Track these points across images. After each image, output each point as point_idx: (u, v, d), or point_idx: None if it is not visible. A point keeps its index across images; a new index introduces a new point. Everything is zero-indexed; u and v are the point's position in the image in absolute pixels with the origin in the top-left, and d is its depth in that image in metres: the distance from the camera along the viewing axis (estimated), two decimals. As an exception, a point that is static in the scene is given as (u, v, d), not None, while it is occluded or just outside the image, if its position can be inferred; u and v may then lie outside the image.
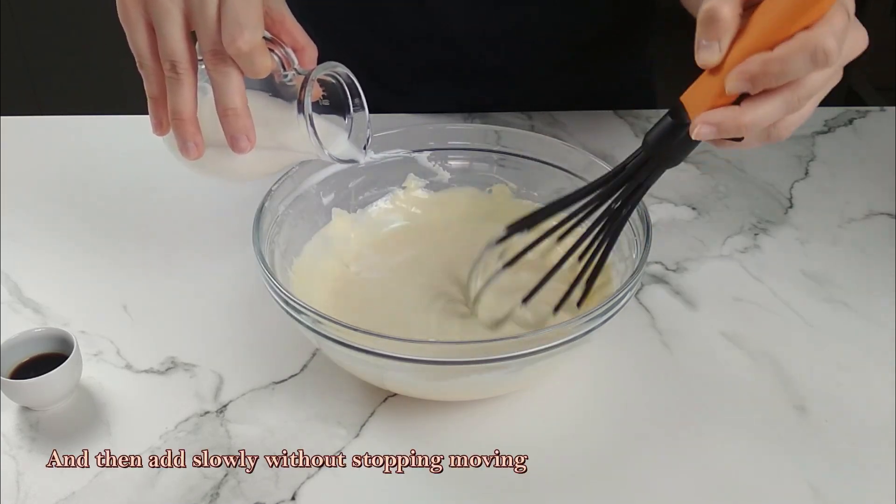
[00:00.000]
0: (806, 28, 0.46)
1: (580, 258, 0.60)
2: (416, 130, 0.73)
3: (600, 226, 0.59)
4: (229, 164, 0.61)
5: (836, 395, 0.63)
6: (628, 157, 0.56)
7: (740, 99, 0.49)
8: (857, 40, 0.49)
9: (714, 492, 0.57)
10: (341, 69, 0.60)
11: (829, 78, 0.49)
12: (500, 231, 0.60)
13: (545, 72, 0.92)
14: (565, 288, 0.61)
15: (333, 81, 0.61)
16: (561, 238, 0.60)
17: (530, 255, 0.62)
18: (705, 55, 0.49)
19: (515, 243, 0.61)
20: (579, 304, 0.62)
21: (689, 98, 0.52)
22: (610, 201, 0.58)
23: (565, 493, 0.57)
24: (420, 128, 0.73)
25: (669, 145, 0.53)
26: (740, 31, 0.48)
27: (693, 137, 0.51)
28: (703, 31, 0.48)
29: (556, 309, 0.62)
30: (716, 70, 0.49)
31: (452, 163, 0.74)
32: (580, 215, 0.59)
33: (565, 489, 0.57)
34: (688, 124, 0.51)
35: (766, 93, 0.48)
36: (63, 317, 0.70)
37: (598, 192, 0.58)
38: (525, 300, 0.61)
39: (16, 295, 0.72)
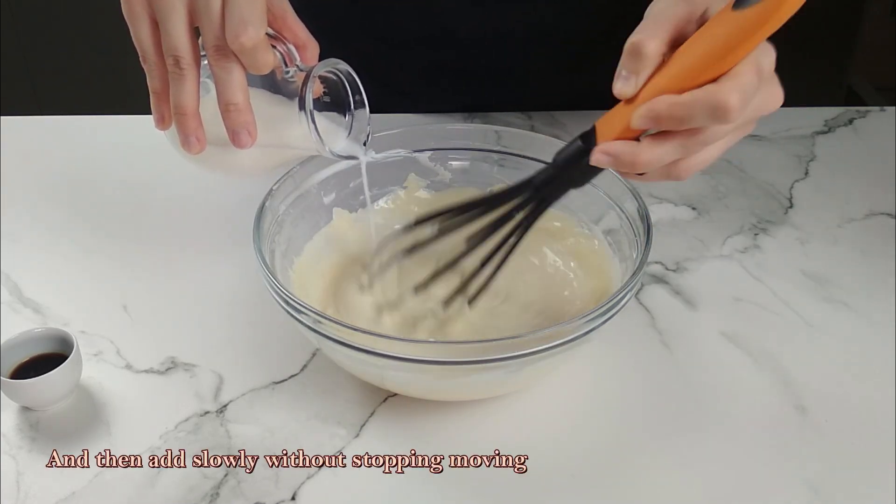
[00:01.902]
0: (714, 80, 0.47)
1: (486, 260, 0.60)
2: (416, 130, 0.73)
3: (505, 232, 0.59)
4: (230, 158, 0.61)
5: (836, 395, 0.63)
6: (537, 172, 0.57)
7: (644, 135, 0.50)
8: (770, 97, 0.50)
9: (714, 491, 0.57)
10: (342, 66, 0.60)
11: (735, 129, 0.50)
12: (413, 219, 0.61)
13: (545, 72, 0.92)
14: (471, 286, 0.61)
15: (334, 78, 0.61)
16: (473, 246, 0.60)
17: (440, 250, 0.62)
18: (621, 86, 0.50)
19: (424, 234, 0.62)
20: (470, 301, 0.62)
21: (602, 124, 0.53)
22: (516, 211, 0.58)
23: (565, 493, 0.57)
24: (421, 128, 0.73)
25: (575, 167, 0.54)
26: (660, 68, 0.49)
27: (591, 163, 0.52)
28: (625, 62, 0.50)
29: (446, 303, 0.62)
30: (630, 102, 0.50)
31: (453, 163, 0.74)
32: (486, 219, 0.59)
33: (565, 489, 0.57)
34: (592, 149, 0.52)
35: (665, 134, 0.49)
36: (63, 317, 0.70)
37: (504, 200, 0.58)
38: (416, 289, 0.63)
39: (16, 295, 0.72)
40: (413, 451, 0.59)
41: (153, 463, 0.59)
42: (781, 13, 0.44)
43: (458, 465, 0.59)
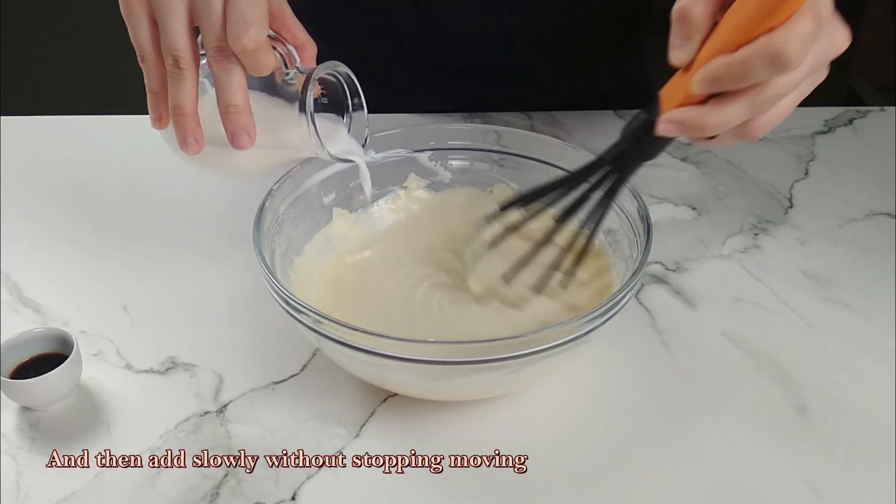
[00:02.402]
0: (769, 31, 0.45)
1: (567, 246, 0.61)
2: (416, 130, 0.73)
3: (586, 214, 0.59)
4: (228, 159, 0.61)
5: (836, 395, 0.63)
6: (607, 149, 0.57)
7: (711, 98, 0.49)
8: (836, 39, 0.49)
9: (714, 492, 0.57)
10: (342, 68, 0.60)
11: (803, 78, 0.49)
12: (494, 208, 0.61)
13: (545, 72, 0.92)
14: (555, 272, 0.62)
15: (333, 80, 0.61)
16: (556, 229, 0.61)
17: (530, 237, 0.62)
18: (676, 54, 0.49)
19: (506, 223, 0.62)
20: (565, 286, 0.62)
21: (665, 93, 0.52)
22: (592, 191, 0.58)
23: (565, 493, 0.57)
24: (420, 128, 0.73)
25: (643, 139, 0.54)
26: (712, 31, 0.48)
27: (658, 133, 0.51)
28: (675, 30, 0.49)
29: (537, 291, 0.62)
30: (687, 68, 0.49)
31: (453, 163, 0.74)
32: (564, 202, 0.60)
33: (565, 489, 0.57)
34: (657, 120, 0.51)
35: (731, 94, 0.48)
36: (63, 317, 0.70)
37: (579, 181, 0.58)
38: (505, 277, 0.63)
39: (16, 295, 0.72)
40: (413, 451, 0.59)
41: (153, 463, 0.59)
42: None
43: (458, 465, 0.59)
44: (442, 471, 0.58)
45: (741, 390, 0.64)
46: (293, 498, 0.57)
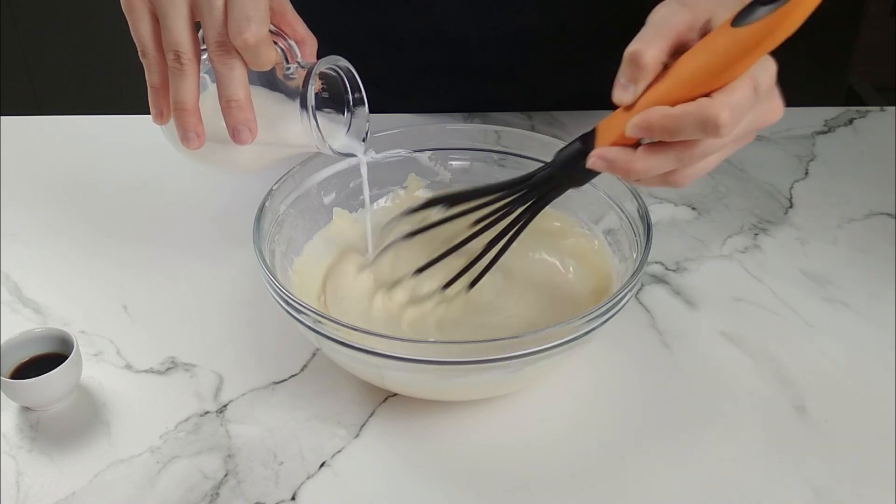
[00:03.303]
0: (708, 94, 0.47)
1: (485, 250, 0.62)
2: (416, 130, 0.73)
3: (504, 225, 0.60)
4: (228, 154, 0.61)
5: (836, 395, 0.63)
6: (538, 168, 0.58)
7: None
8: (767, 112, 0.51)
9: (714, 491, 0.57)
10: (342, 63, 0.60)
11: (732, 141, 0.50)
12: (415, 204, 0.62)
13: (545, 72, 0.92)
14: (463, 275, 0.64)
15: (334, 74, 0.61)
16: (476, 234, 0.62)
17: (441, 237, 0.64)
18: (620, 94, 0.51)
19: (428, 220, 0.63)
20: (470, 286, 0.64)
21: (602, 128, 0.53)
22: (516, 205, 0.59)
23: (565, 493, 0.57)
24: (420, 128, 0.73)
25: (573, 167, 0.55)
26: (659, 77, 0.50)
27: (587, 167, 0.53)
28: (623, 70, 0.51)
29: (445, 286, 0.64)
30: (629, 109, 0.51)
31: (453, 163, 0.74)
32: (487, 210, 0.60)
33: (565, 489, 0.57)
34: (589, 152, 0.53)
35: (661, 144, 0.50)
36: (63, 317, 0.70)
37: (506, 194, 0.59)
38: (416, 272, 0.64)
39: (16, 295, 0.72)
40: (413, 452, 0.59)
41: (153, 463, 0.59)
42: (779, 33, 0.45)
43: (459, 465, 0.59)
44: (442, 471, 0.58)
45: (741, 390, 0.64)
46: (293, 498, 0.57)
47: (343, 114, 0.63)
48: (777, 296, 0.72)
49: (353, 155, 0.64)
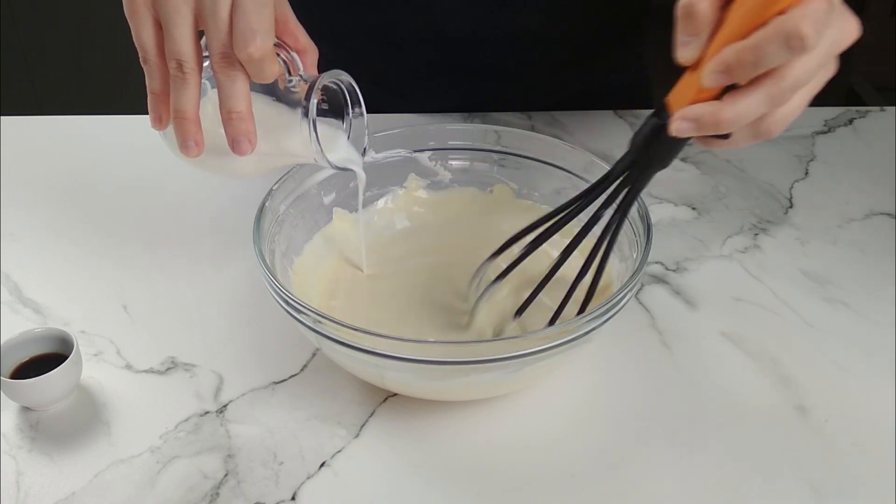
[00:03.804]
0: (781, 13, 0.44)
1: (581, 270, 0.60)
2: (416, 130, 0.73)
3: (598, 235, 0.58)
4: (226, 163, 0.61)
5: (836, 395, 0.63)
6: (617, 161, 0.56)
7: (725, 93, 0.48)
8: (846, 28, 0.48)
9: (714, 491, 0.57)
10: (345, 77, 0.60)
11: (817, 69, 0.47)
12: (501, 242, 0.60)
13: (545, 72, 0.92)
14: (567, 300, 0.61)
15: (335, 87, 0.61)
16: (567, 252, 0.60)
17: (534, 268, 0.61)
18: (684, 51, 0.48)
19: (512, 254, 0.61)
20: (579, 314, 0.61)
21: (673, 96, 0.51)
22: (603, 210, 0.57)
23: (565, 493, 0.57)
24: (420, 128, 0.73)
25: (655, 146, 0.53)
26: (719, 25, 0.47)
27: (672, 134, 0.49)
28: (682, 27, 0.47)
29: (552, 322, 0.61)
30: (696, 66, 0.48)
31: (453, 163, 0.74)
32: (572, 223, 0.59)
33: (565, 489, 0.57)
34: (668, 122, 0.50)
35: (747, 86, 0.47)
36: (63, 317, 0.70)
37: (589, 199, 0.57)
38: (517, 313, 0.62)
39: (16, 295, 0.72)
40: (413, 452, 0.59)
41: (153, 463, 0.59)
42: None
43: (459, 465, 0.59)
44: (442, 471, 0.58)
45: (741, 390, 0.64)
46: (293, 498, 0.57)
47: (342, 126, 0.63)
48: (777, 296, 0.72)
49: (350, 170, 0.64)
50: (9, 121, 0.94)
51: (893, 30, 1.93)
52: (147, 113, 0.59)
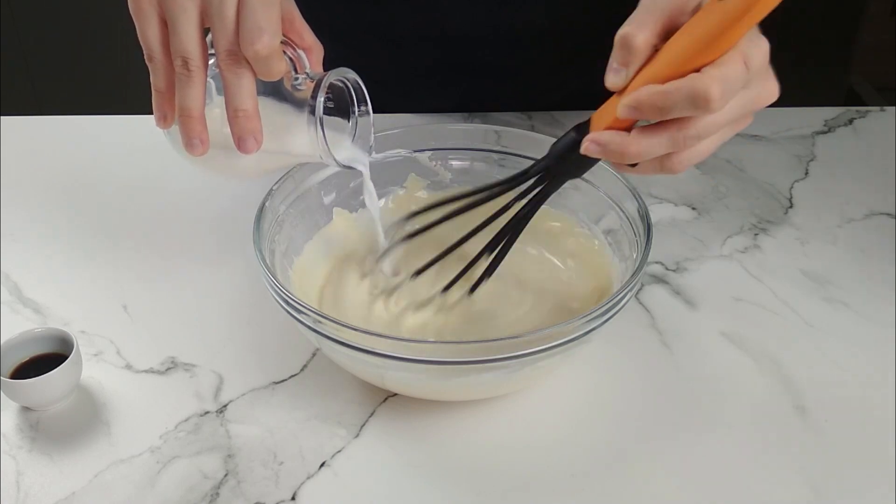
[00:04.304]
0: (698, 70, 0.47)
1: (485, 249, 0.62)
2: (416, 130, 0.73)
3: (503, 222, 0.60)
4: (231, 161, 0.61)
5: (836, 395, 0.63)
6: (534, 163, 0.58)
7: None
8: (764, 90, 0.50)
9: (714, 492, 0.57)
10: (350, 74, 0.60)
11: (724, 124, 0.49)
12: (415, 208, 0.63)
13: (545, 70, 0.92)
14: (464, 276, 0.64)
15: (340, 85, 0.61)
16: (474, 231, 0.62)
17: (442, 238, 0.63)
18: (612, 78, 0.51)
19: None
20: (472, 290, 0.63)
21: (597, 116, 0.53)
22: (515, 201, 0.59)
23: (565, 493, 0.57)
24: (420, 128, 0.73)
25: (569, 157, 0.55)
26: (650, 60, 0.49)
27: (581, 152, 0.52)
28: (615, 55, 0.50)
29: (445, 289, 0.64)
30: (621, 93, 0.50)
31: (453, 163, 0.74)
32: (486, 208, 0.60)
33: (565, 489, 0.57)
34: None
35: (655, 126, 0.49)
36: (63, 317, 0.70)
37: (503, 190, 0.59)
38: (414, 274, 0.64)
39: (16, 295, 0.72)
40: (413, 452, 0.59)
41: (153, 463, 0.59)
42: (763, 4, 0.44)
43: (459, 465, 0.59)
44: (442, 471, 0.58)
45: (741, 390, 0.64)
46: (293, 498, 0.57)
47: (347, 124, 0.63)
48: (777, 296, 0.72)
49: (355, 168, 0.63)
50: (9, 121, 0.94)
51: (893, 30, 1.93)
52: (150, 112, 0.59)
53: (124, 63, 1.77)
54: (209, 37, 0.56)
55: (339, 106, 0.62)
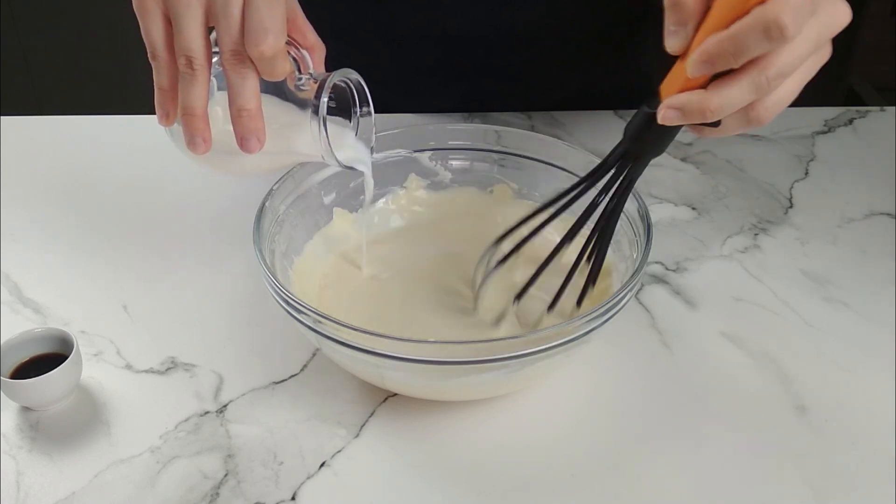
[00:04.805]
0: (762, 2, 0.45)
1: (578, 257, 0.61)
2: (416, 130, 0.73)
3: (595, 223, 0.59)
4: (233, 159, 0.61)
5: (836, 395, 0.63)
6: (612, 150, 0.56)
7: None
8: (835, 13, 0.47)
9: (714, 492, 0.57)
10: (353, 75, 0.60)
11: (804, 56, 0.47)
12: (503, 230, 0.61)
13: (545, 71, 0.92)
14: (569, 286, 0.61)
15: (342, 85, 0.61)
16: (566, 238, 0.60)
17: (540, 256, 0.62)
18: (672, 41, 0.48)
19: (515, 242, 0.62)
20: (579, 302, 0.62)
21: (664, 85, 0.51)
22: (601, 197, 0.58)
23: (565, 493, 0.57)
24: (420, 128, 0.73)
25: (647, 134, 0.53)
26: (706, 15, 0.47)
27: (659, 122, 0.50)
28: (669, 17, 0.48)
29: (550, 307, 0.62)
30: (685, 55, 0.48)
31: (453, 163, 0.74)
32: (569, 210, 0.60)
33: (565, 489, 0.57)
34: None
35: (732, 74, 0.47)
36: (63, 317, 0.70)
37: (584, 187, 0.58)
38: (517, 297, 0.62)
39: (16, 295, 0.72)
40: (413, 452, 0.59)
41: (153, 463, 0.59)
42: None
43: (459, 465, 0.59)
44: (442, 471, 0.58)
45: (741, 390, 0.64)
46: (293, 498, 0.57)
47: (349, 124, 0.63)
48: (777, 296, 0.72)
49: (356, 169, 0.63)
50: (9, 121, 0.94)
51: (893, 30, 1.93)
52: (151, 112, 0.59)
53: (124, 63, 1.77)
54: (213, 35, 0.56)
55: (341, 106, 0.62)
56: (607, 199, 0.58)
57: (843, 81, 1.96)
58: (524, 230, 0.61)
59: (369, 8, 0.88)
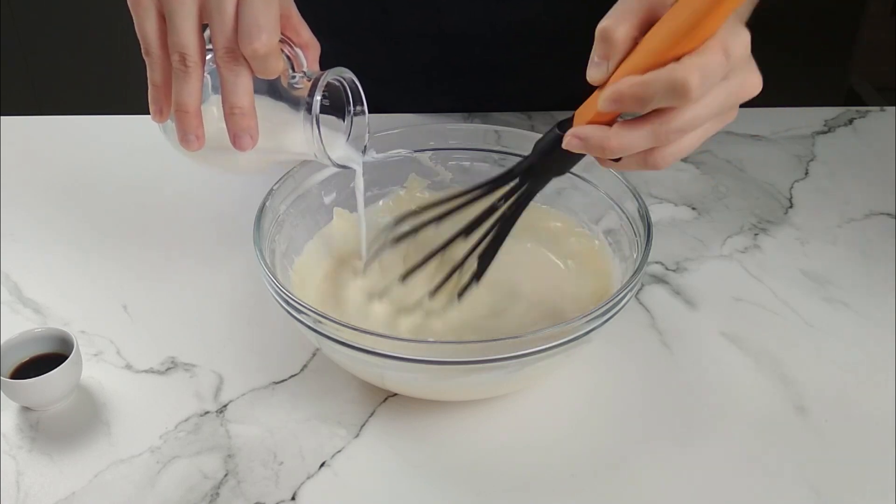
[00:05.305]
0: (678, 59, 0.46)
1: (471, 251, 0.62)
2: (416, 130, 0.73)
3: (491, 223, 0.60)
4: (226, 157, 0.61)
5: (836, 395, 0.63)
6: (518, 162, 0.58)
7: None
8: (746, 84, 0.49)
9: (714, 492, 0.57)
10: (347, 74, 0.60)
11: (707, 117, 0.48)
12: (404, 211, 0.63)
13: (544, 69, 0.92)
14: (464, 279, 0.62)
15: (336, 84, 0.61)
16: (462, 233, 0.62)
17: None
18: (593, 72, 0.50)
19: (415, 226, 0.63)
20: (460, 294, 0.63)
21: (579, 112, 0.53)
22: (501, 201, 0.59)
23: (565, 493, 0.57)
24: (420, 128, 0.73)
25: (553, 154, 0.55)
26: (631, 53, 0.49)
27: (563, 147, 0.52)
28: (596, 49, 0.50)
29: (432, 294, 0.63)
30: (603, 88, 0.50)
31: (453, 163, 0.74)
32: (473, 209, 0.60)
33: (565, 489, 0.57)
34: None
35: (636, 120, 0.49)
36: (63, 317, 0.70)
37: (489, 190, 0.59)
38: (402, 277, 0.64)
39: (16, 295, 0.72)
40: (413, 452, 0.59)
41: (153, 463, 0.59)
42: None
43: (459, 465, 0.59)
44: (442, 471, 0.58)
45: (741, 390, 0.64)
46: (293, 498, 0.57)
47: (343, 123, 0.63)
48: (777, 296, 0.72)
49: (349, 168, 0.64)
50: (9, 121, 0.94)
51: (893, 30, 1.93)
52: (148, 109, 0.59)
53: (124, 63, 1.77)
54: (206, 32, 0.56)
55: (335, 104, 0.62)
56: (506, 206, 0.59)
57: (843, 81, 1.96)
58: (425, 216, 0.62)
59: (366, 5, 0.88)
